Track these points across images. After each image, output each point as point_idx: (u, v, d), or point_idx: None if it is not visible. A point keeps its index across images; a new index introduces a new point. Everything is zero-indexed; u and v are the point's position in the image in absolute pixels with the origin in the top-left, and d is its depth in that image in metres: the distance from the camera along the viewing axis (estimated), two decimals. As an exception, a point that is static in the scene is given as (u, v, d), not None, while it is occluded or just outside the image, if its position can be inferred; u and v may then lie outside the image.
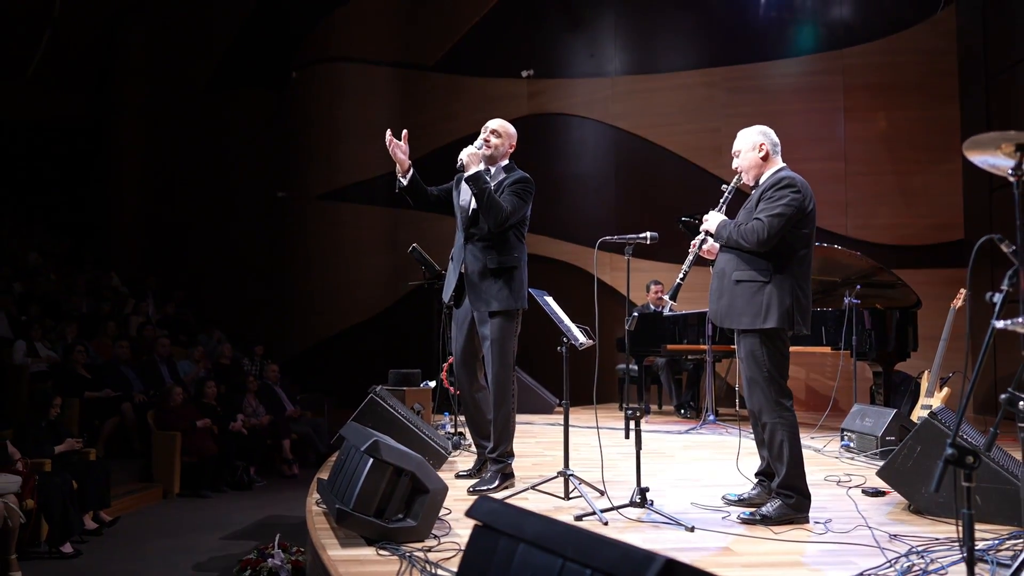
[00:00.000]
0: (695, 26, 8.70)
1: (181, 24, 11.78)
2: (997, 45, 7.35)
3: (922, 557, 2.68)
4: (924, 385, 5.49)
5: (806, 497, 3.17)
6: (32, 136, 12.31)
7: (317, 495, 3.40)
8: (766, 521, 3.10)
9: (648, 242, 3.31)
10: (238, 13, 11.46)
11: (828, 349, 5.88)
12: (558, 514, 3.14)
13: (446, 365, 5.25)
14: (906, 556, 2.70)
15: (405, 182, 3.72)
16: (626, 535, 2.86)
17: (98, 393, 7.16)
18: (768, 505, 3.16)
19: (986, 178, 7.15)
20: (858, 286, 5.68)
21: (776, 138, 3.28)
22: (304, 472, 8.00)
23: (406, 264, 9.81)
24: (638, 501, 3.20)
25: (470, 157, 3.59)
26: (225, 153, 11.29)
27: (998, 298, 1.99)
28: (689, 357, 6.94)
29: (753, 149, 3.26)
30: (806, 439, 3.25)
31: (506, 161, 3.78)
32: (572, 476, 3.44)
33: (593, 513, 3.11)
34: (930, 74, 7.92)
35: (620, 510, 3.20)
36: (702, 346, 6.37)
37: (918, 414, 5.28)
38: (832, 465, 4.42)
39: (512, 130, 3.80)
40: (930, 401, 5.33)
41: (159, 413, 7.06)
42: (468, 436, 4.75)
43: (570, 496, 3.45)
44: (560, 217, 8.81)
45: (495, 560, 1.65)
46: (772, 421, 3.15)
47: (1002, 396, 2.19)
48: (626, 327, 3.26)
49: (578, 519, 3.08)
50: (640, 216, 8.12)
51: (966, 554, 2.02)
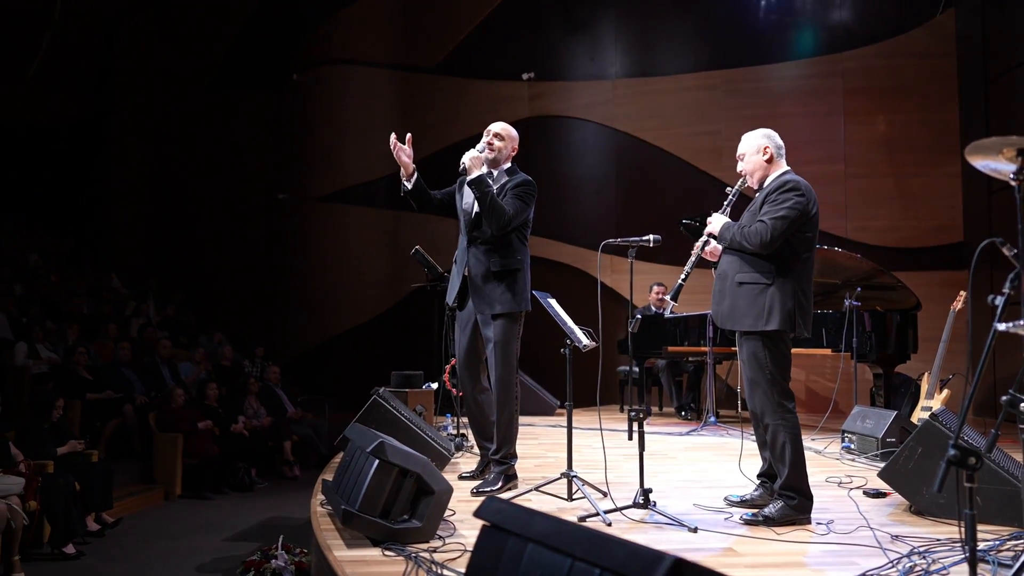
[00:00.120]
0: (695, 29, 8.73)
1: (182, 26, 11.79)
2: (996, 49, 7.38)
3: (924, 558, 2.70)
4: (924, 387, 5.50)
5: (808, 498, 3.18)
6: (32, 137, 12.31)
7: (322, 496, 3.41)
8: (769, 522, 3.11)
9: (651, 245, 3.32)
10: (239, 15, 11.47)
11: (828, 351, 5.89)
12: (561, 515, 3.13)
13: (448, 367, 5.26)
14: (908, 557, 2.71)
15: (410, 186, 3.72)
16: (630, 536, 2.86)
17: (99, 395, 7.17)
18: (770, 506, 3.17)
19: (985, 181, 7.18)
20: (858, 288, 5.69)
21: (780, 141, 3.29)
22: (305, 474, 8.01)
23: (407, 266, 9.82)
24: (641, 502, 3.21)
25: (472, 161, 3.60)
26: (226, 155, 11.29)
27: (1000, 301, 2.01)
28: (690, 359, 6.96)
29: (758, 152, 3.27)
30: (807, 441, 3.27)
31: (509, 164, 3.79)
32: (575, 477, 3.46)
33: (597, 514, 3.12)
34: (929, 77, 7.95)
35: (623, 511, 3.21)
36: (703, 348, 6.39)
37: (918, 416, 5.30)
38: (833, 466, 4.44)
39: (515, 133, 3.81)
40: (930, 403, 5.34)
41: (160, 415, 7.08)
42: (470, 438, 4.76)
43: (573, 497, 3.47)
44: (561, 219, 8.83)
45: (504, 560, 1.66)
46: (774, 423, 3.17)
47: (1003, 398, 2.20)
48: (629, 329, 3.28)
49: (582, 520, 3.09)
50: (641, 218, 8.13)
51: (968, 554, 2.04)
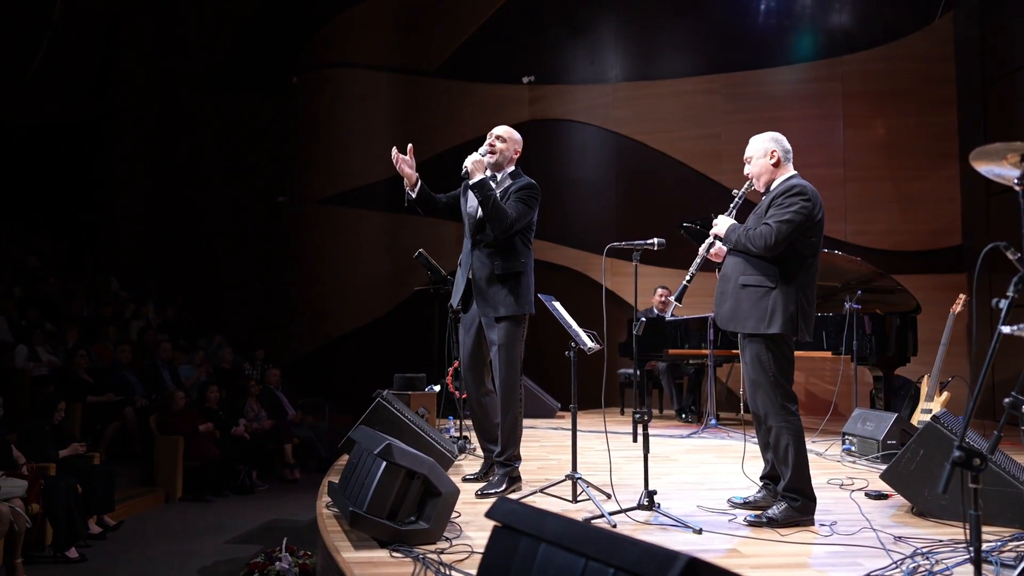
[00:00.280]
0: (695, 33, 8.76)
1: (182, 28, 11.79)
2: (994, 53, 7.43)
3: (927, 558, 2.72)
4: (924, 389, 5.53)
5: (811, 500, 3.21)
6: (31, 140, 12.30)
7: (328, 498, 3.42)
8: (773, 523, 3.13)
9: (656, 248, 3.34)
10: (240, 17, 11.48)
11: (829, 354, 5.92)
12: (567, 517, 3.16)
13: (451, 369, 5.28)
14: (911, 558, 2.74)
15: (414, 195, 3.74)
16: (636, 537, 2.89)
17: (100, 397, 7.17)
18: (774, 508, 3.19)
19: (983, 184, 7.22)
20: (858, 291, 5.72)
21: (788, 145, 3.31)
22: (306, 477, 8.01)
23: (407, 269, 9.84)
24: (646, 504, 3.23)
25: (474, 164, 3.61)
26: (226, 158, 11.29)
27: (1004, 304, 2.03)
28: (690, 361, 6.98)
29: (765, 155, 3.30)
30: (807, 443, 3.28)
31: (512, 167, 3.81)
32: (580, 479, 3.47)
33: (602, 516, 3.14)
34: (928, 81, 7.99)
35: (628, 513, 3.23)
36: (704, 351, 6.41)
37: (918, 418, 5.32)
38: (834, 469, 4.46)
39: (517, 136, 3.83)
40: (930, 405, 5.37)
41: (161, 417, 7.08)
42: (473, 440, 4.78)
43: (578, 499, 3.49)
44: (560, 222, 8.86)
45: (516, 560, 1.68)
46: (778, 425, 3.19)
47: (1006, 400, 2.22)
48: (634, 332, 3.30)
49: (587, 522, 3.10)
50: (640, 222, 8.16)
51: (973, 554, 2.06)
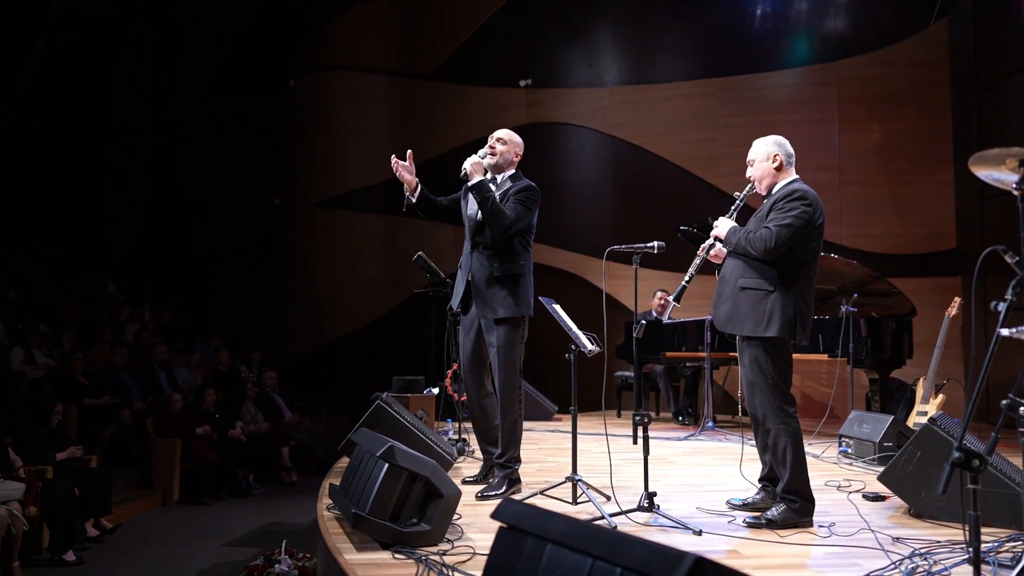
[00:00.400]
0: (692, 37, 8.80)
1: (178, 32, 11.79)
2: (988, 58, 7.49)
3: (925, 559, 2.75)
4: (919, 392, 5.56)
5: (810, 501, 3.23)
6: (26, 143, 12.27)
7: (328, 500, 3.43)
8: (772, 525, 3.15)
9: (656, 251, 3.37)
10: (236, 20, 11.48)
11: (825, 356, 5.93)
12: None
13: (450, 372, 5.29)
14: (910, 558, 2.76)
15: (414, 200, 3.76)
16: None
17: (97, 400, 7.16)
18: (773, 509, 3.22)
19: (977, 188, 7.27)
20: (855, 294, 5.75)
21: (791, 149, 3.34)
22: (303, 479, 8.01)
23: (404, 271, 9.85)
24: (646, 505, 3.24)
25: (473, 166, 3.65)
26: (222, 160, 11.29)
27: (1002, 307, 2.05)
28: (687, 364, 7.00)
29: (768, 159, 3.32)
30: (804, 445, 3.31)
31: (513, 170, 3.83)
32: (580, 481, 3.49)
33: (602, 517, 3.15)
34: (923, 86, 8.04)
35: (628, 514, 3.25)
36: (701, 353, 6.44)
37: (914, 420, 5.35)
38: (831, 471, 4.49)
39: (518, 139, 3.86)
40: (926, 408, 5.40)
41: (158, 420, 7.07)
42: (472, 442, 4.79)
43: (578, 501, 3.50)
44: (557, 225, 8.87)
45: (522, 560, 1.68)
46: (776, 427, 3.21)
47: (1003, 402, 2.25)
48: (634, 334, 3.32)
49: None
50: (637, 225, 8.19)
51: (972, 554, 2.08)
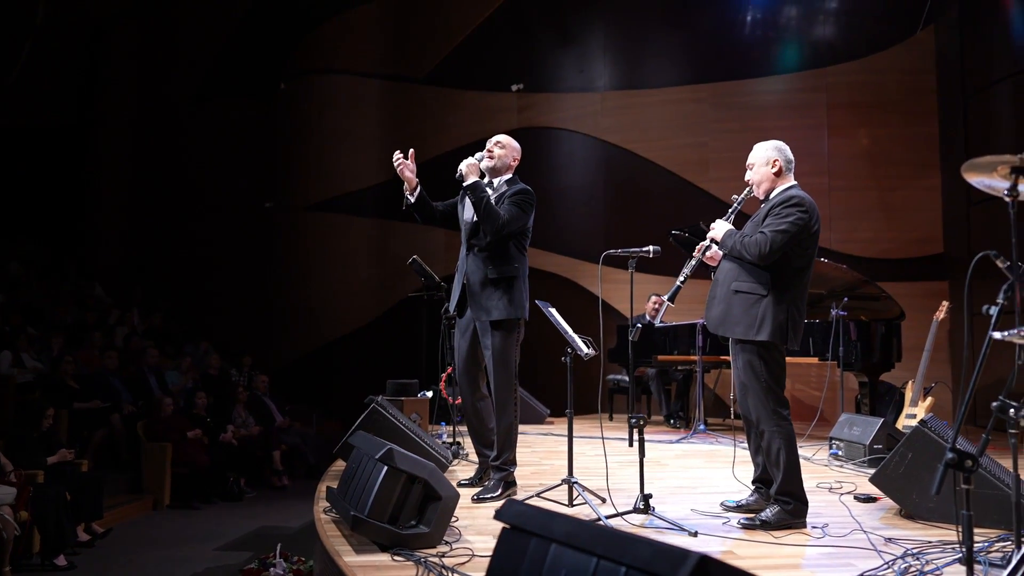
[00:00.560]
0: (683, 43, 8.88)
1: (168, 33, 11.73)
2: (974, 65, 7.59)
3: (917, 559, 2.79)
4: (908, 395, 5.63)
5: (803, 503, 3.26)
6: (13, 144, 12.17)
7: (326, 503, 3.44)
8: (766, 526, 3.18)
9: (651, 255, 3.40)
10: (227, 23, 11.45)
11: (815, 360, 6.01)
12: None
13: (444, 375, 5.30)
14: (902, 558, 2.80)
15: (413, 200, 3.79)
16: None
17: (87, 404, 7.12)
18: (767, 511, 3.25)
19: (964, 194, 7.37)
20: (844, 298, 5.81)
21: (791, 155, 3.38)
22: (294, 483, 7.99)
23: (395, 275, 9.85)
24: (642, 507, 3.27)
25: (469, 167, 3.69)
26: (213, 163, 11.24)
27: (994, 311, 2.10)
28: (679, 368, 7.04)
29: (767, 164, 3.37)
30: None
31: (510, 175, 3.86)
32: (576, 483, 3.51)
33: (598, 519, 3.18)
34: (910, 92, 8.15)
35: (624, 516, 3.27)
36: (692, 357, 6.48)
37: (903, 423, 5.42)
38: (823, 473, 4.53)
39: (516, 145, 3.89)
40: (915, 410, 5.47)
41: (149, 424, 7.04)
42: (466, 445, 4.80)
43: (574, 503, 3.52)
44: (548, 229, 8.89)
45: (527, 560, 1.70)
46: (770, 430, 3.25)
47: (994, 404, 2.29)
48: (630, 338, 3.35)
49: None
50: (628, 229, 8.24)
51: (965, 553, 2.12)
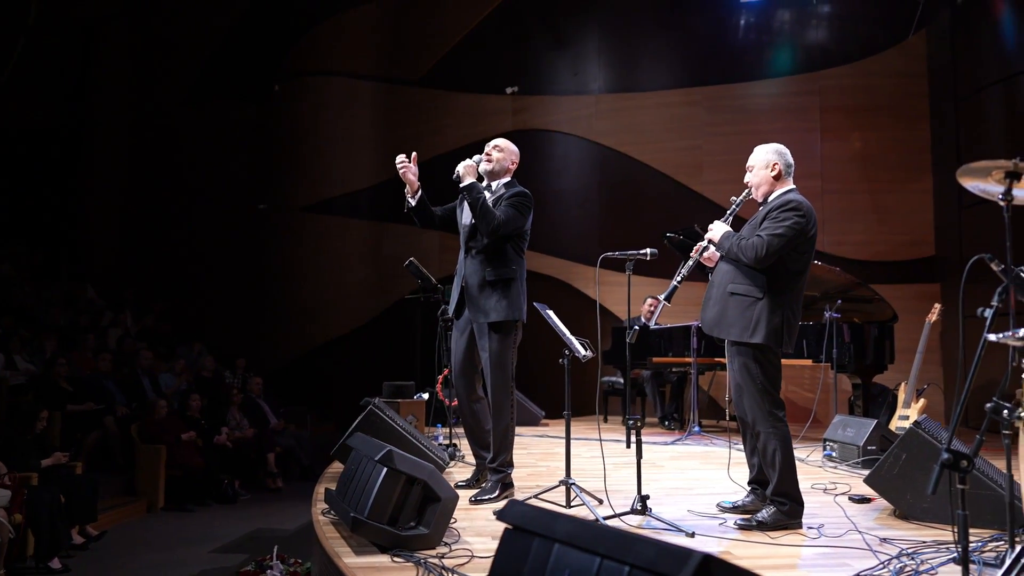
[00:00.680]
0: (677, 47, 8.92)
1: (162, 34, 11.68)
2: (965, 69, 7.66)
3: (912, 559, 2.82)
4: (901, 396, 5.67)
5: (799, 504, 3.29)
6: (4, 145, 12.09)
7: (324, 505, 3.44)
8: (762, 527, 3.21)
9: (648, 258, 3.42)
10: (221, 24, 11.43)
11: (809, 362, 6.04)
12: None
13: (441, 377, 5.31)
14: (897, 558, 2.83)
15: (414, 203, 3.82)
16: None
17: (80, 406, 7.09)
18: (763, 512, 3.28)
19: (955, 197, 7.43)
20: (838, 301, 5.85)
21: (791, 160, 3.41)
22: (288, 485, 7.97)
23: (389, 277, 9.86)
24: (639, 508, 3.29)
25: (466, 169, 3.72)
26: (206, 165, 11.20)
27: (989, 313, 2.13)
28: (673, 370, 7.07)
29: (766, 167, 3.39)
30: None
31: (508, 178, 3.88)
32: (573, 485, 3.53)
33: (596, 520, 3.20)
34: (902, 96, 8.21)
35: (621, 517, 3.29)
36: (687, 359, 6.51)
37: (896, 424, 5.46)
38: (817, 474, 4.57)
39: (515, 148, 3.91)
40: (907, 412, 5.51)
41: (143, 426, 7.01)
42: (462, 447, 4.81)
43: (572, 504, 3.54)
44: (543, 232, 8.86)
45: (530, 560, 1.72)
46: (766, 431, 3.27)
47: (987, 405, 2.32)
48: (628, 340, 3.37)
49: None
50: (623, 231, 8.27)
51: (961, 552, 2.15)
